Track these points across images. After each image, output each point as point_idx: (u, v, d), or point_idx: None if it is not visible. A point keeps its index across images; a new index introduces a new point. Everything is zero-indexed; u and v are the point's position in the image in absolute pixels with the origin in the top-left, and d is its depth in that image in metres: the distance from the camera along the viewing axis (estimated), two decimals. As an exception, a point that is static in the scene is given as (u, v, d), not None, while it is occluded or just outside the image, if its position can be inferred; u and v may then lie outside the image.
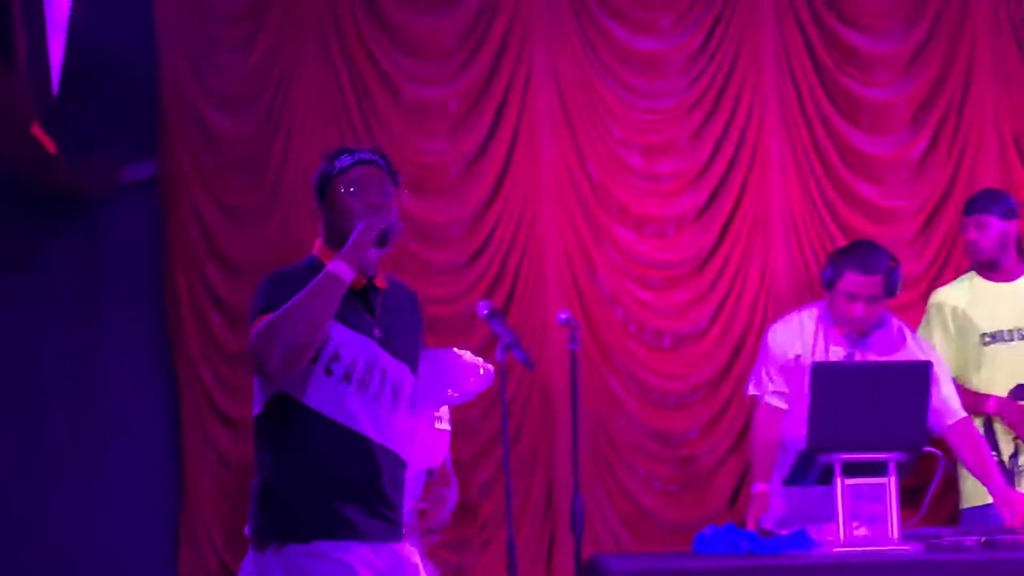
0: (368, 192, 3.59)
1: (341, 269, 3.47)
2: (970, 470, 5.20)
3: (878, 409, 4.53)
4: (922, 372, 4.64)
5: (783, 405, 5.02)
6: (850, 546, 4.44)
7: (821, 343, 5.04)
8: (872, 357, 5.04)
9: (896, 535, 4.48)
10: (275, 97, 6.07)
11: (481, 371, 4.02)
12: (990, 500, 5.16)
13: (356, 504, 3.52)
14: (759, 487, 5.06)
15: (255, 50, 6.09)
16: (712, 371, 6.12)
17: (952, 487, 5.46)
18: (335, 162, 3.64)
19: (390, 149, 5.99)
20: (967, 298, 5.42)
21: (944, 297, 5.47)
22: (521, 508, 5.92)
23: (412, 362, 3.70)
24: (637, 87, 6.24)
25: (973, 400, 5.31)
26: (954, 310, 5.40)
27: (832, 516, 4.50)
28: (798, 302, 5.83)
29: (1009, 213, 5.40)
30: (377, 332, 3.61)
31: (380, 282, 3.67)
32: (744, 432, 5.91)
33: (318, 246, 3.67)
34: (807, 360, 4.77)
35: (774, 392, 5.14)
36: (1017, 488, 5.23)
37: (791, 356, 5.07)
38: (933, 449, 4.82)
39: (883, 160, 6.35)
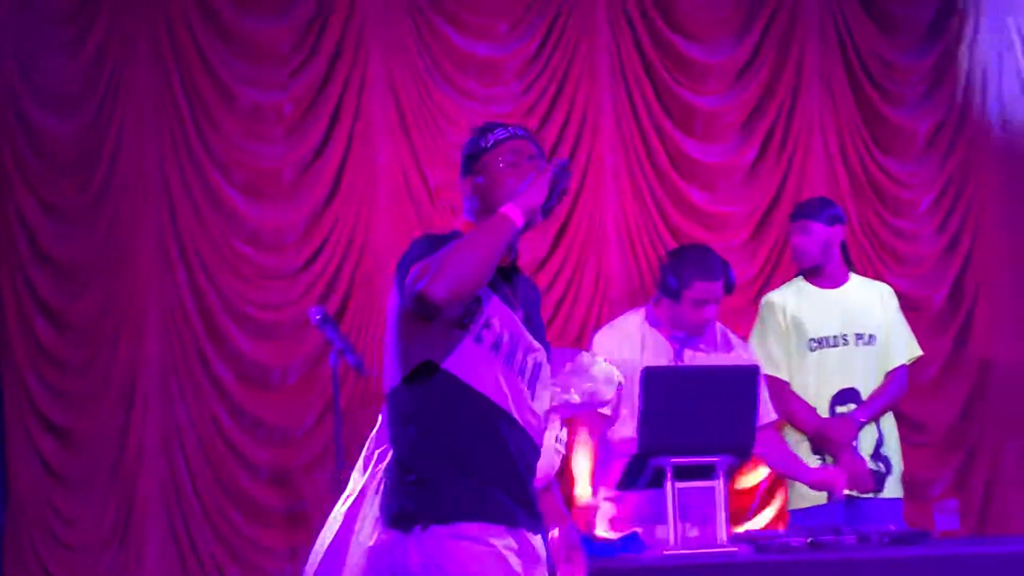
0: (522, 166, 3.37)
1: (514, 213, 3.20)
2: (775, 468, 5.31)
3: (708, 413, 4.55)
4: (750, 376, 4.70)
5: (607, 412, 5.04)
6: (680, 549, 4.47)
7: (649, 347, 5.08)
8: (700, 358, 5.09)
9: (725, 537, 4.53)
10: (104, 98, 5.96)
11: (616, 380, 3.82)
12: (815, 503, 5.27)
13: (501, 486, 3.28)
14: (584, 496, 5.04)
15: (84, 51, 5.97)
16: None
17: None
18: (489, 135, 3.43)
19: (224, 153, 5.98)
20: (795, 303, 5.50)
21: (775, 301, 5.54)
22: (356, 515, 5.87)
23: (547, 349, 3.47)
24: (473, 92, 6.25)
25: (806, 412, 5.39)
26: (785, 314, 5.48)
27: (663, 518, 4.54)
28: (632, 306, 5.90)
29: (834, 220, 5.49)
30: (520, 311, 3.39)
31: (520, 264, 3.50)
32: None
33: (463, 223, 3.45)
34: (635, 365, 4.80)
35: None
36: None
37: (616, 362, 5.08)
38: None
39: (714, 167, 6.46)
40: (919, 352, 5.59)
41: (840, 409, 5.40)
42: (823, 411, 5.40)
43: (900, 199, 6.71)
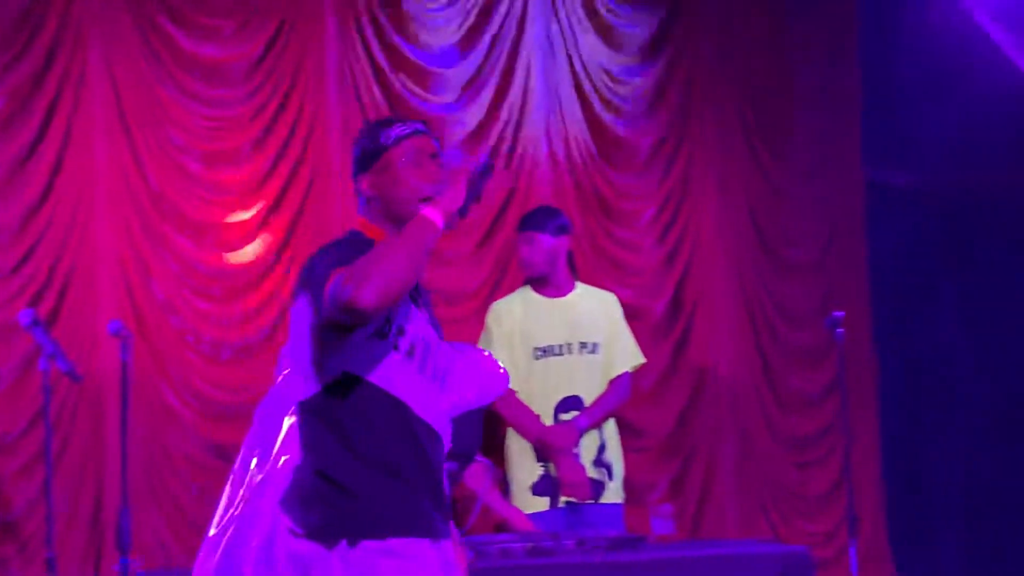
0: (425, 165, 3.25)
1: (435, 216, 3.08)
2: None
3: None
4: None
5: None
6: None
7: None
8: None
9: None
10: None
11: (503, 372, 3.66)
12: (537, 509, 5.33)
13: (427, 494, 3.19)
14: None
15: None
16: (272, 383, 6.02)
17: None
18: (389, 131, 3.28)
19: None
20: (521, 311, 5.54)
21: (502, 310, 5.57)
22: (67, 525, 5.66)
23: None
24: (199, 94, 6.10)
25: (530, 420, 5.44)
26: (511, 323, 5.52)
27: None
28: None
29: (560, 230, 5.56)
30: (424, 313, 3.29)
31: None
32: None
33: (360, 223, 3.29)
34: None
35: None
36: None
37: None
38: (483, 459, 4.90)
39: (443, 175, 6.44)
40: (642, 360, 5.70)
41: (564, 416, 5.47)
42: (547, 418, 5.46)
43: (623, 210, 6.85)
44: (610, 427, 5.59)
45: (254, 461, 3.44)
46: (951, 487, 8.04)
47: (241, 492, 3.43)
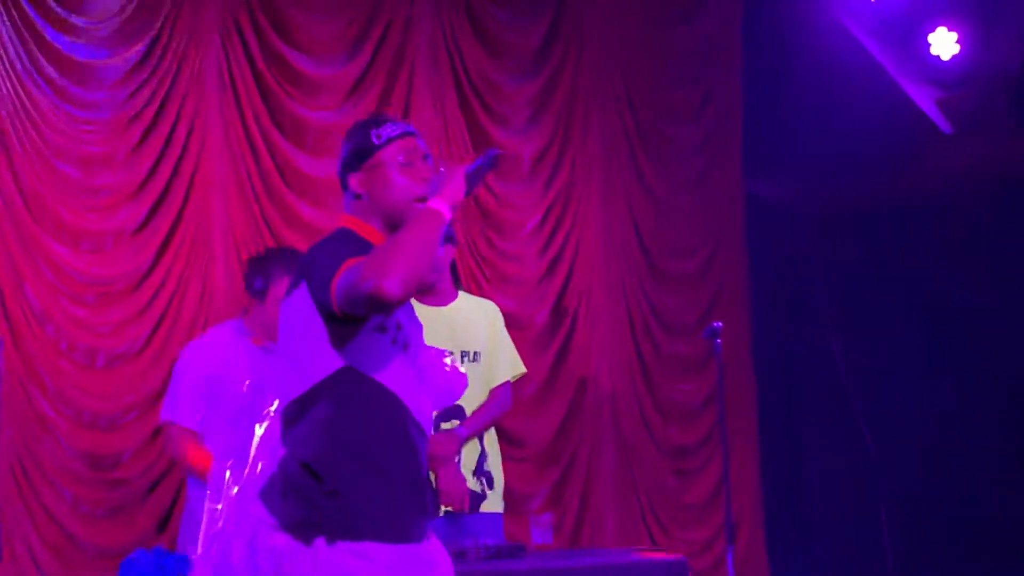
0: (416, 165, 3.29)
1: (443, 207, 3.12)
2: None
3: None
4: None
5: (197, 428, 4.90)
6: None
7: (242, 358, 4.98)
8: None
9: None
10: None
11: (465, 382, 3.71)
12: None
13: (413, 497, 3.21)
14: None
15: None
16: (148, 391, 5.94)
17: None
18: (380, 131, 3.32)
19: None
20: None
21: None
22: (-64, 536, 5.53)
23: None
24: (75, 97, 5.99)
25: None
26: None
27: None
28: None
29: (445, 240, 5.54)
30: (409, 308, 3.32)
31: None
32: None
33: (348, 219, 3.31)
34: (228, 379, 4.68)
35: (189, 414, 5.03)
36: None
37: (207, 376, 4.98)
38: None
39: (325, 182, 6.41)
40: (523, 370, 5.69)
41: (445, 425, 5.44)
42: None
43: (506, 220, 6.86)
44: (491, 437, 5.58)
45: (228, 473, 3.43)
46: (827, 493, 8.17)
47: (219, 507, 3.42)
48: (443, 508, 5.29)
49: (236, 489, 3.38)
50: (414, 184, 3.27)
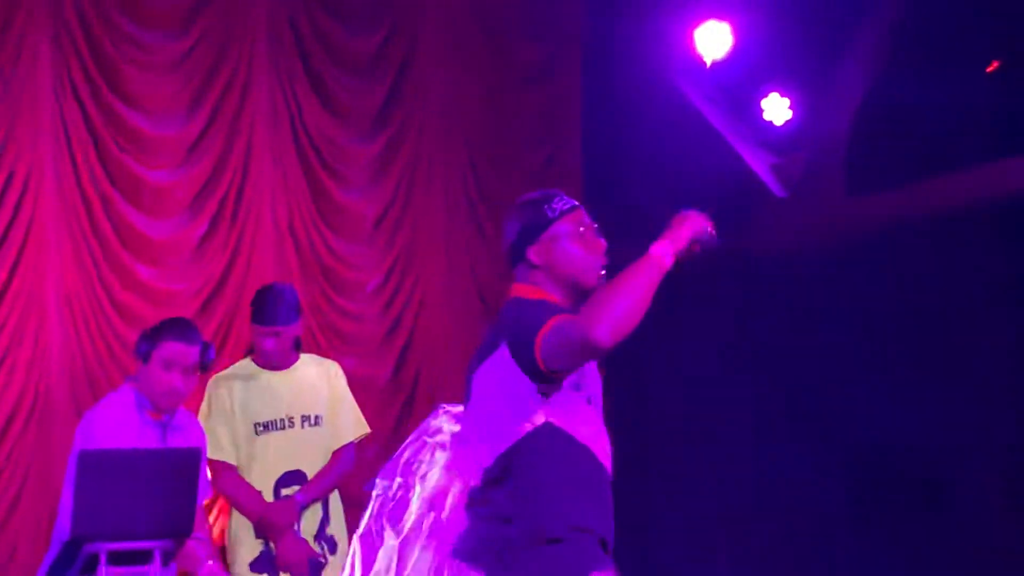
0: (587, 236, 3.52)
1: (666, 255, 3.30)
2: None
3: (146, 496, 4.45)
4: (193, 458, 4.61)
5: None
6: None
7: (135, 427, 4.86)
8: (179, 440, 4.91)
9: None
10: None
11: None
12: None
13: (608, 541, 3.41)
14: None
15: None
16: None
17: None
18: (552, 205, 3.55)
19: None
20: (242, 386, 5.41)
21: (222, 382, 5.43)
22: None
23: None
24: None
25: (249, 497, 5.32)
26: (231, 396, 5.38)
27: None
28: (73, 381, 5.68)
29: (299, 314, 5.47)
30: None
31: None
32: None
33: (522, 289, 3.51)
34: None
35: None
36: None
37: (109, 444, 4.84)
38: (201, 535, 4.78)
39: (162, 243, 6.32)
40: (366, 430, 5.64)
41: (285, 491, 5.37)
42: (268, 494, 5.35)
43: (347, 280, 6.82)
44: (335, 500, 5.51)
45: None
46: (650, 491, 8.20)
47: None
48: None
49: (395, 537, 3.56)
50: (592, 254, 3.50)
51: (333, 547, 5.44)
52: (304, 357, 5.57)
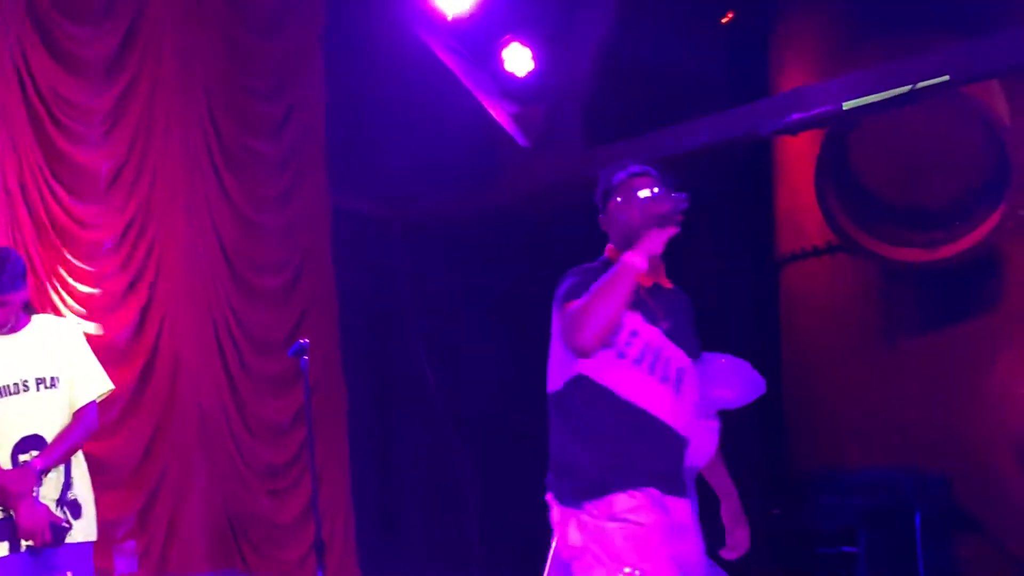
0: (632, 201, 4.12)
1: (634, 259, 3.92)
2: None
3: None
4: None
5: None
6: None
7: None
8: None
9: None
10: None
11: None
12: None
13: (647, 467, 3.99)
14: None
15: None
16: None
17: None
18: (613, 176, 4.20)
19: None
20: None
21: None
22: None
23: (694, 355, 4.16)
24: None
25: None
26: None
27: None
28: None
29: (24, 279, 5.27)
30: (664, 324, 4.09)
31: (665, 283, 4.20)
32: None
33: (609, 249, 4.20)
34: None
35: None
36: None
37: None
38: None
39: None
40: (108, 387, 5.47)
41: (23, 457, 5.20)
42: (6, 461, 5.18)
43: (83, 239, 6.62)
44: (78, 461, 5.35)
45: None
46: (421, 501, 8.29)
47: None
48: (23, 543, 5.05)
49: None
50: (634, 217, 4.07)
51: (77, 511, 5.28)
52: (36, 318, 5.38)
